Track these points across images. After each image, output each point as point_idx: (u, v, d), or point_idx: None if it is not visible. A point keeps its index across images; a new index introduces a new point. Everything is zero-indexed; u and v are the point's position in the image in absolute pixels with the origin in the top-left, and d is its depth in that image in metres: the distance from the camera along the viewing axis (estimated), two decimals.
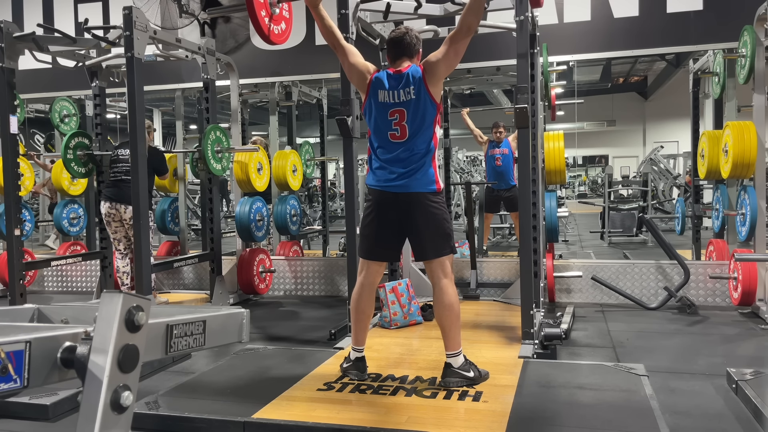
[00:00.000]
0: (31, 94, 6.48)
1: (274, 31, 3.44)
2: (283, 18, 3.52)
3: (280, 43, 3.60)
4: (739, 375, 2.82)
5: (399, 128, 2.81)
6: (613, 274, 4.95)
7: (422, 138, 2.80)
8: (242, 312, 1.51)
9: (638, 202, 9.82)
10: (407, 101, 2.80)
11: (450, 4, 4.24)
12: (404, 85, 2.81)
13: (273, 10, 3.41)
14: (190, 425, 2.53)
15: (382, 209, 2.88)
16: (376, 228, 2.91)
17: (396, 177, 2.80)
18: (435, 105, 2.81)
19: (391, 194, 2.82)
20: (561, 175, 4.83)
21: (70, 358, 1.10)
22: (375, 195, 2.90)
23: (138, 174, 3.95)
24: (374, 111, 2.87)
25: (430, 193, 2.81)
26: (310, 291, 5.67)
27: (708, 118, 6.27)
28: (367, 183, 2.93)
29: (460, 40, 2.75)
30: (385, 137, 2.84)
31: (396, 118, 2.81)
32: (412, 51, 2.91)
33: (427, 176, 2.81)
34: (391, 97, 2.82)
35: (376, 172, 2.87)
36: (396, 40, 2.90)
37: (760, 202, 4.31)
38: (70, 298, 5.96)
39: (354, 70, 2.96)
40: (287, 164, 5.77)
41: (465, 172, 12.69)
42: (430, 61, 2.79)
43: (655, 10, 5.05)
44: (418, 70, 2.82)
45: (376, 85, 2.86)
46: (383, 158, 2.85)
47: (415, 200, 2.80)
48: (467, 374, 2.82)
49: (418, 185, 2.79)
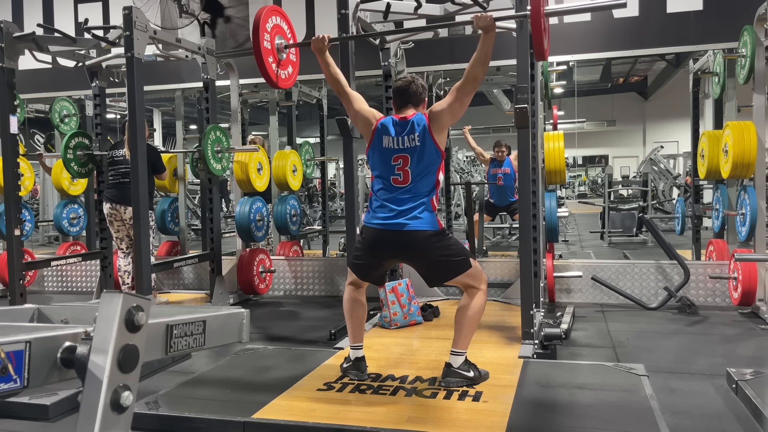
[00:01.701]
0: (31, 94, 6.48)
1: (282, 76, 3.48)
2: (289, 62, 3.55)
3: (287, 87, 3.65)
4: (739, 375, 2.82)
5: (402, 173, 2.81)
6: (613, 274, 4.95)
7: (424, 183, 2.81)
8: (242, 312, 1.51)
9: (638, 202, 9.82)
10: (411, 147, 2.81)
11: (450, 4, 4.24)
12: (409, 131, 2.82)
13: (280, 55, 3.43)
14: (190, 425, 2.53)
15: (376, 247, 2.85)
16: (368, 260, 2.92)
17: (395, 215, 2.78)
18: (439, 153, 2.83)
19: (391, 232, 2.78)
20: (561, 175, 4.83)
21: (70, 358, 1.10)
22: (370, 233, 2.84)
23: (138, 174, 3.95)
24: (378, 155, 2.87)
25: (435, 231, 2.78)
26: (310, 291, 5.67)
27: (708, 118, 6.27)
28: (364, 221, 2.90)
29: (467, 91, 2.78)
30: (388, 181, 2.84)
31: (399, 164, 2.82)
32: (418, 99, 2.93)
33: (428, 216, 2.79)
34: (395, 143, 2.84)
35: (376, 211, 2.84)
36: (402, 89, 2.93)
37: (760, 202, 4.31)
38: (70, 298, 5.96)
39: (359, 116, 2.98)
40: (287, 164, 5.77)
41: (465, 172, 12.69)
42: (435, 111, 2.82)
43: (655, 10, 5.05)
44: (422, 118, 2.83)
45: (381, 131, 2.88)
46: (384, 198, 2.83)
47: (418, 239, 2.76)
48: (467, 374, 2.82)
49: (418, 224, 2.76)
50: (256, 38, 3.28)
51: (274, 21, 3.44)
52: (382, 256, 2.90)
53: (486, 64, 2.75)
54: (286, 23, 3.54)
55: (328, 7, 5.68)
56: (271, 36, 3.39)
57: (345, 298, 3.04)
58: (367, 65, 5.25)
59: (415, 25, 5.07)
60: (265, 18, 3.34)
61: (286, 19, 3.54)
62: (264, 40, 3.32)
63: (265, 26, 3.35)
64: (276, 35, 3.43)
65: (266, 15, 3.36)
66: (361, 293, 3.04)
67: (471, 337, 2.86)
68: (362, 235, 2.91)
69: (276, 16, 3.45)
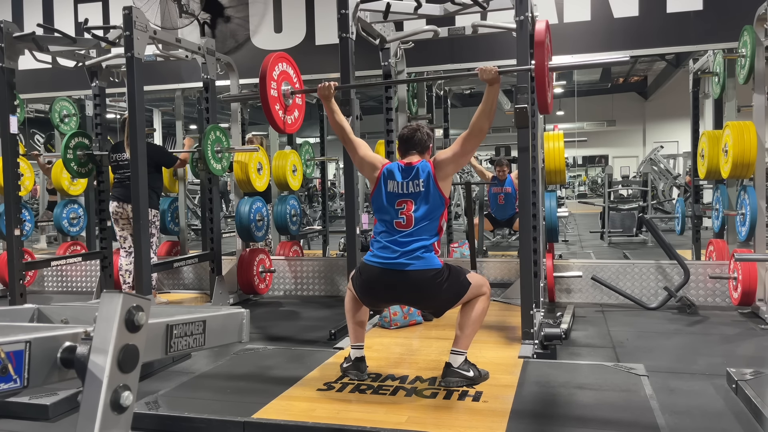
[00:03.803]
0: (31, 94, 6.48)
1: (288, 121, 3.50)
2: (296, 107, 3.56)
3: (293, 131, 3.66)
4: (739, 375, 2.82)
5: (405, 217, 2.83)
6: (613, 274, 4.95)
7: (427, 228, 2.81)
8: (242, 312, 1.51)
9: (638, 202, 9.82)
10: (416, 192, 2.83)
11: (450, 4, 4.24)
12: (414, 177, 2.85)
13: (286, 101, 3.44)
14: (190, 425, 2.53)
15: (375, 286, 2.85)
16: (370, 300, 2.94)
17: (398, 255, 2.77)
18: (443, 199, 2.84)
19: (393, 272, 2.77)
20: (561, 175, 4.83)
21: (70, 358, 1.09)
22: (370, 272, 2.83)
23: (138, 173, 3.95)
24: (382, 199, 2.89)
25: (438, 269, 2.77)
26: (310, 291, 5.67)
27: (708, 118, 6.27)
28: (364, 260, 2.90)
29: (472, 143, 2.82)
30: (391, 225, 2.85)
31: (403, 208, 2.84)
32: (423, 147, 2.96)
33: (430, 256, 2.79)
34: (400, 188, 2.86)
35: (378, 251, 2.84)
36: (407, 137, 2.96)
37: (760, 202, 4.31)
38: (70, 298, 5.96)
39: (365, 162, 3.02)
40: (287, 164, 5.77)
41: (465, 172, 12.68)
42: (440, 160, 2.85)
43: (655, 10, 5.05)
44: (427, 165, 2.87)
45: (386, 176, 2.90)
46: (386, 240, 2.84)
47: (422, 279, 2.75)
48: (467, 374, 2.83)
49: (422, 264, 2.76)
50: (263, 87, 3.29)
51: (281, 68, 3.44)
52: (381, 296, 2.90)
53: (491, 117, 2.78)
54: (293, 68, 3.55)
55: (328, 7, 5.68)
56: (278, 83, 3.41)
57: (347, 298, 3.04)
58: (367, 65, 5.25)
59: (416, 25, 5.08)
60: (272, 66, 3.35)
61: (292, 64, 3.55)
62: (271, 88, 3.34)
63: (272, 74, 3.36)
64: (282, 81, 3.44)
65: (273, 63, 3.36)
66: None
67: (472, 338, 2.87)
68: (361, 273, 2.89)
69: (283, 63, 3.46)
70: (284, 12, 5.86)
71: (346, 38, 3.88)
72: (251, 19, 5.94)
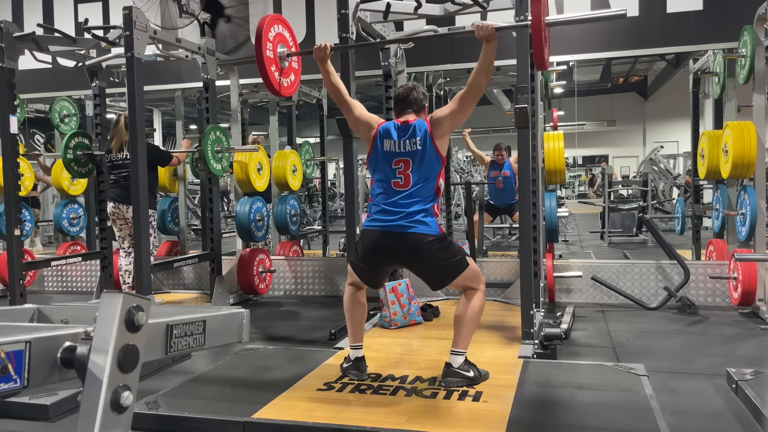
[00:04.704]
0: (31, 94, 6.48)
1: (284, 84, 3.48)
2: (292, 70, 3.55)
3: (289, 95, 3.65)
4: (739, 375, 2.82)
5: (403, 177, 2.81)
6: (613, 274, 4.95)
7: (425, 188, 2.80)
8: (242, 312, 1.51)
9: (638, 202, 9.82)
10: (413, 151, 2.81)
11: (450, 4, 4.24)
12: (410, 135, 2.83)
13: (282, 64, 3.44)
14: (190, 425, 2.53)
15: (376, 252, 2.85)
16: (369, 265, 2.92)
17: (397, 218, 2.77)
18: (440, 158, 2.83)
19: (392, 234, 2.77)
20: (561, 175, 4.83)
21: (70, 358, 1.09)
22: (371, 237, 2.84)
23: (138, 173, 3.95)
24: (379, 159, 2.87)
25: (438, 236, 2.77)
26: (310, 291, 5.67)
27: (708, 118, 6.27)
28: (364, 225, 2.89)
29: (469, 101, 2.77)
30: (389, 185, 2.84)
31: (401, 167, 2.82)
32: (419, 106, 2.94)
33: (430, 221, 2.79)
34: (397, 146, 2.84)
35: (376, 215, 2.84)
36: (403, 96, 2.94)
37: (760, 202, 4.30)
38: (70, 298, 5.96)
39: (360, 122, 2.99)
40: (287, 164, 5.77)
41: (465, 172, 12.69)
42: (437, 117, 2.83)
43: (655, 10, 5.05)
44: (424, 123, 2.85)
45: (382, 135, 2.88)
46: (384, 203, 2.83)
47: (420, 243, 2.75)
48: (467, 374, 2.82)
49: (422, 228, 2.76)
50: (259, 48, 3.27)
51: (277, 30, 3.43)
52: (381, 260, 2.89)
53: (489, 74, 2.75)
54: (288, 31, 3.54)
55: (328, 7, 5.68)
56: (274, 45, 3.39)
57: (345, 298, 3.04)
58: (367, 65, 5.25)
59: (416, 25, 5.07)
60: (267, 27, 3.34)
61: (288, 28, 3.54)
62: (267, 49, 3.32)
63: (268, 35, 3.34)
64: (278, 44, 3.43)
65: (269, 24, 3.35)
66: (361, 294, 3.04)
67: (471, 337, 2.86)
68: (362, 240, 2.90)
69: (278, 25, 3.45)
70: (284, 12, 5.86)
71: (346, 38, 3.88)
72: (251, 19, 5.94)
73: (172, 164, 5.25)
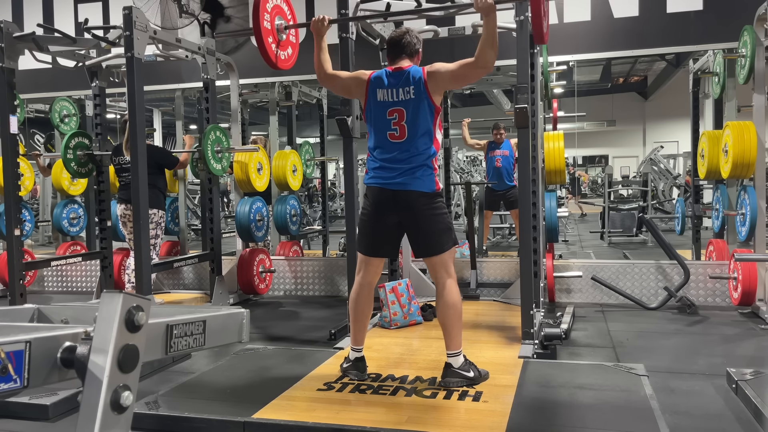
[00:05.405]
0: (31, 94, 6.48)
1: (281, 57, 3.46)
2: (289, 43, 3.53)
3: (286, 68, 3.61)
4: (739, 375, 2.82)
5: (398, 128, 2.78)
6: (613, 274, 4.95)
7: (422, 140, 2.78)
8: (242, 312, 1.51)
9: (638, 202, 9.82)
10: (406, 100, 2.77)
11: (450, 4, 4.23)
12: (404, 83, 2.78)
13: (280, 36, 3.42)
14: (190, 425, 2.53)
15: (380, 207, 2.85)
16: (374, 224, 2.89)
17: (396, 175, 2.77)
18: (434, 108, 2.78)
19: (390, 191, 2.79)
20: (561, 175, 4.83)
21: (70, 358, 1.09)
22: (373, 192, 2.86)
23: (138, 174, 3.95)
24: (373, 111, 2.84)
25: (430, 193, 2.78)
26: (310, 291, 5.67)
27: (708, 118, 6.26)
28: (365, 182, 2.90)
29: (474, 72, 2.70)
30: (384, 137, 2.81)
31: (395, 118, 2.78)
32: (412, 50, 2.89)
33: (427, 177, 2.78)
34: (390, 95, 2.80)
35: (374, 172, 2.84)
36: (396, 40, 2.89)
37: (760, 202, 4.30)
38: (70, 298, 5.96)
39: (350, 81, 2.96)
40: (287, 164, 5.77)
41: (465, 172, 12.69)
42: (437, 69, 2.76)
43: (655, 10, 5.05)
44: (419, 71, 2.79)
45: (375, 84, 2.84)
46: (381, 158, 2.82)
47: (413, 199, 2.77)
48: (467, 374, 2.82)
49: (417, 185, 2.76)
50: (256, 18, 3.23)
51: (275, 1, 3.40)
52: (387, 213, 2.85)
53: (495, 46, 2.61)
54: (286, 4, 3.51)
55: (328, 7, 5.68)
56: (271, 16, 3.36)
57: (352, 296, 3.00)
58: (367, 65, 5.23)
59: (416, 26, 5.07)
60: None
61: (287, 1, 3.52)
62: (264, 20, 3.28)
63: (266, 6, 3.31)
64: (276, 15, 3.41)
65: None
66: (370, 291, 2.98)
67: (461, 335, 2.85)
68: (367, 196, 2.90)
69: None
70: None
71: (346, 38, 3.87)
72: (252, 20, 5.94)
73: (179, 166, 5.24)
